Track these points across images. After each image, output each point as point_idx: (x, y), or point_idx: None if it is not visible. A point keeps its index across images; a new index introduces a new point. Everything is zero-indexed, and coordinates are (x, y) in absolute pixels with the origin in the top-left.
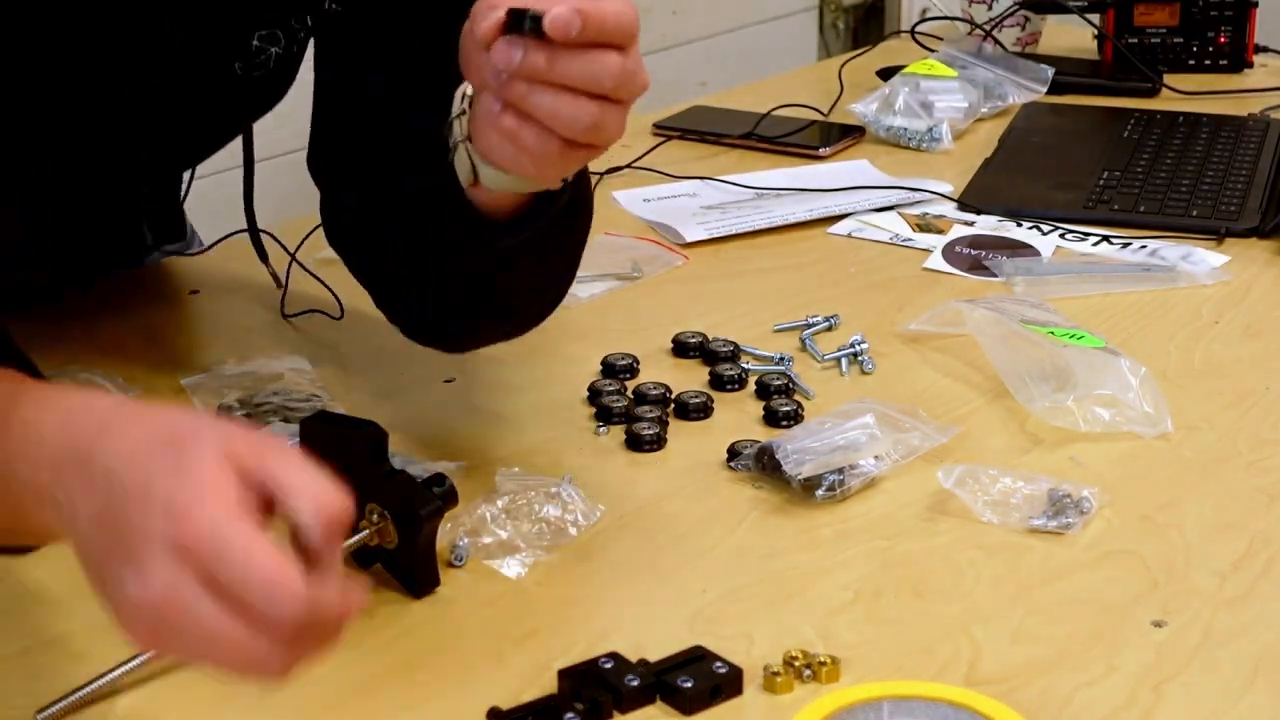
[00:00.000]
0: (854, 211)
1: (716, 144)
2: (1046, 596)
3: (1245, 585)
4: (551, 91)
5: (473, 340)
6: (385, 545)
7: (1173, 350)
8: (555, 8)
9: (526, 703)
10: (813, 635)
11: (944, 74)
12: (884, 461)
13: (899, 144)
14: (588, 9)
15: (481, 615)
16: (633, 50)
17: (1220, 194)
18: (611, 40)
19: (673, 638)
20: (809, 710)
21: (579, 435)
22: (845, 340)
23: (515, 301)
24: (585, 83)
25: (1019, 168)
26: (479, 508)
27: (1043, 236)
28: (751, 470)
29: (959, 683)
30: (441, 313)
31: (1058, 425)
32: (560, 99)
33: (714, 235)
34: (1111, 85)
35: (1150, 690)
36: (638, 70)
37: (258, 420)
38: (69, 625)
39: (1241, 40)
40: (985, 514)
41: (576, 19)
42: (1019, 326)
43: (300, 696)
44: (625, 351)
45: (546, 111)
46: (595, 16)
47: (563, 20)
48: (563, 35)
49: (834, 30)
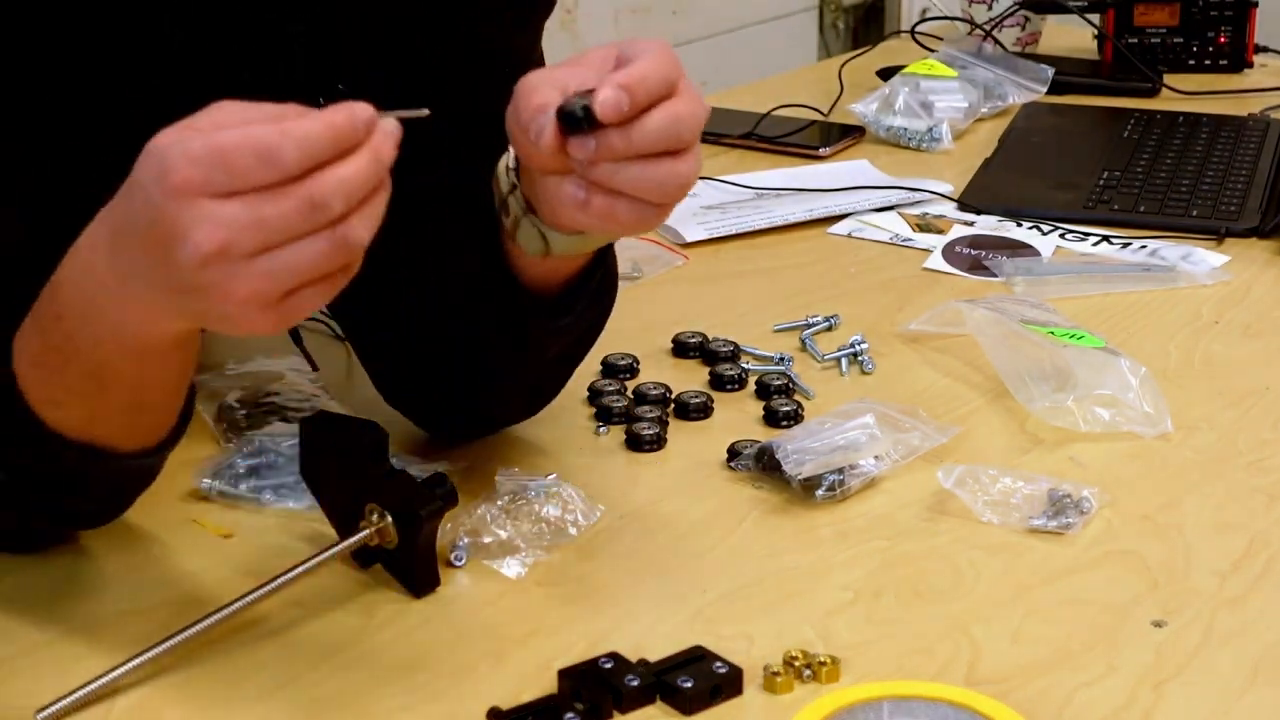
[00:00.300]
0: (854, 211)
1: (716, 144)
2: (1046, 596)
3: (1245, 585)
4: (636, 165)
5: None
6: (385, 545)
7: (1173, 350)
8: (601, 92)
9: (526, 703)
10: (813, 635)
11: (944, 74)
12: (884, 461)
13: (899, 144)
14: (629, 79)
15: (481, 615)
16: (683, 86)
17: (1220, 194)
18: (660, 95)
19: (673, 638)
20: (809, 710)
21: (579, 435)
22: (845, 340)
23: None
24: (665, 144)
25: (1019, 168)
26: (479, 508)
27: (1043, 236)
28: (751, 470)
29: (959, 683)
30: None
31: (1058, 425)
32: (645, 169)
33: (714, 235)
34: (1111, 85)
35: (1150, 690)
36: (696, 104)
37: (258, 420)
38: (69, 625)
39: (1241, 40)
40: (985, 514)
41: (624, 96)
42: (1019, 326)
43: (301, 696)
44: (625, 351)
45: (637, 187)
46: (638, 82)
47: (612, 104)
48: (616, 117)
49: (834, 30)
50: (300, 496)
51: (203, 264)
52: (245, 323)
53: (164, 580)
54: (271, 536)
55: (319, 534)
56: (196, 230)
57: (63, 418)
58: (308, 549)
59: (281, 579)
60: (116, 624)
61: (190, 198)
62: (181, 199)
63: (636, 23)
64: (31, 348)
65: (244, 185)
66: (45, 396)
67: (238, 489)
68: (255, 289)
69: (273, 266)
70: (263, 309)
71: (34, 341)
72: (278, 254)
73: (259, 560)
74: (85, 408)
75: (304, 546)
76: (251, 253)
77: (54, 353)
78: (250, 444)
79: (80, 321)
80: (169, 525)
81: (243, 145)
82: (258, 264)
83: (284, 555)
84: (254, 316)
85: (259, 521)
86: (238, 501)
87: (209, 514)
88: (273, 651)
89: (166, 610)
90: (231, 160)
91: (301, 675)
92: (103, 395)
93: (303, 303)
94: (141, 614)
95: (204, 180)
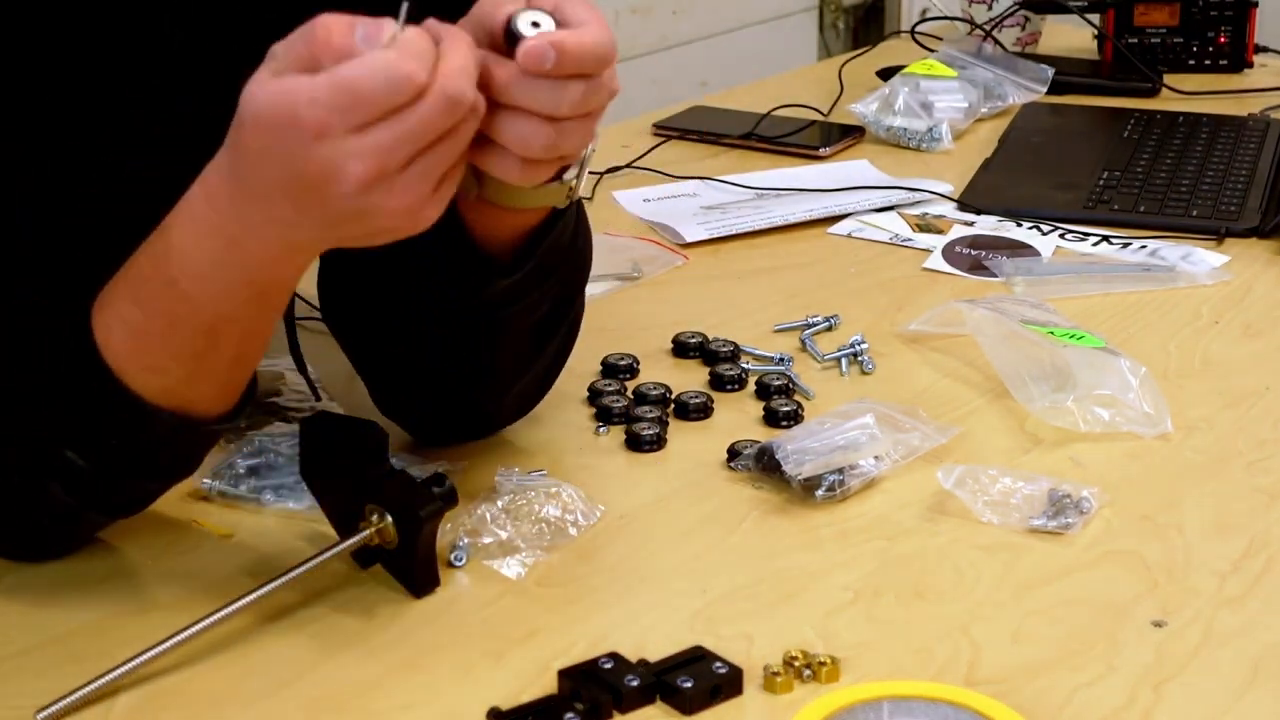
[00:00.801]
0: (854, 211)
1: (716, 144)
2: (1046, 596)
3: (1245, 585)
4: (509, 115)
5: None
6: (385, 545)
7: (1173, 350)
8: (530, 40)
9: (526, 703)
10: (813, 635)
11: (944, 74)
12: (884, 462)
13: (899, 144)
14: (567, 42)
15: (481, 615)
16: (609, 73)
17: (1220, 194)
18: (585, 72)
19: (673, 638)
20: (809, 710)
21: (579, 435)
22: (845, 340)
23: (508, 365)
24: (542, 109)
25: (1019, 168)
26: (479, 508)
27: (1043, 236)
28: (751, 470)
29: (959, 683)
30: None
31: (1058, 425)
32: (516, 122)
33: (714, 235)
34: (1111, 85)
35: (1150, 690)
36: (600, 88)
37: (258, 421)
38: (69, 625)
39: (1241, 40)
40: (985, 514)
41: (550, 52)
42: (1019, 326)
43: (301, 696)
44: (625, 351)
45: (504, 135)
46: (574, 51)
47: (537, 53)
48: (536, 67)
49: (834, 30)
50: (300, 496)
51: (363, 191)
52: (409, 227)
53: (164, 580)
54: (271, 536)
55: (319, 534)
56: (349, 165)
57: (159, 384)
58: (308, 549)
59: (281, 579)
60: (116, 624)
61: (331, 139)
62: (323, 142)
63: (636, 23)
64: (127, 319)
65: (382, 112)
66: (143, 365)
67: (238, 489)
68: (414, 194)
69: (426, 167)
70: (423, 207)
71: (130, 313)
72: (428, 155)
73: (259, 560)
74: (187, 369)
75: (304, 546)
76: (405, 164)
77: (162, 318)
78: (250, 444)
79: (200, 282)
80: (169, 525)
81: (368, 78)
82: (412, 171)
83: (284, 555)
84: (416, 218)
85: (259, 521)
86: (238, 501)
87: (209, 514)
88: (273, 651)
89: (166, 610)
90: (362, 94)
91: (301, 675)
92: (213, 352)
93: (451, 183)
94: (141, 614)
95: (341, 120)
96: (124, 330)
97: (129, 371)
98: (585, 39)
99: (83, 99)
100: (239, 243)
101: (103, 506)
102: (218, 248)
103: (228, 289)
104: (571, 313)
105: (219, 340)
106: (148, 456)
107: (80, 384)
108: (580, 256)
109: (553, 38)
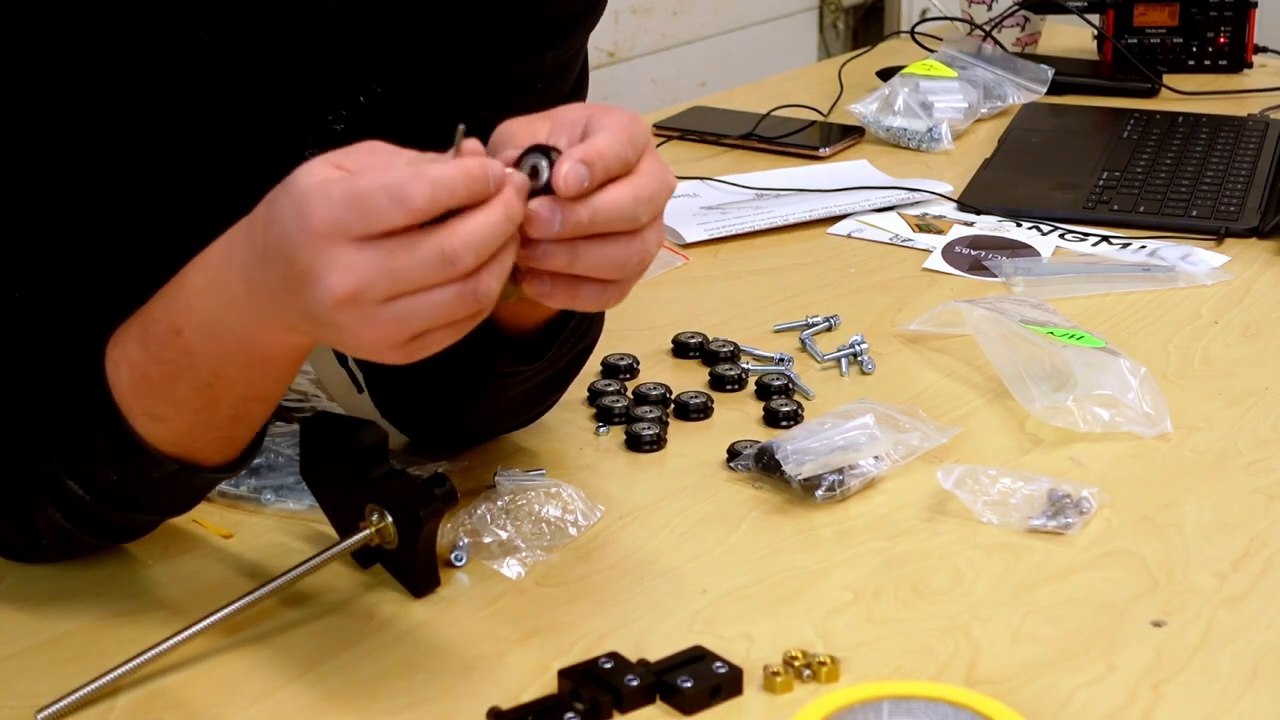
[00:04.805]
0: (854, 211)
1: (716, 144)
2: (1046, 596)
3: (1245, 585)
4: (595, 245)
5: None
6: (385, 545)
7: (1173, 350)
8: (561, 165)
9: (526, 703)
10: (813, 635)
11: (944, 74)
12: (884, 462)
13: (899, 144)
14: (589, 154)
15: (481, 615)
16: (646, 161)
17: (1220, 194)
18: (619, 173)
19: (673, 638)
20: (809, 710)
21: (579, 435)
22: (845, 340)
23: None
24: (622, 224)
25: (1019, 168)
26: (479, 508)
27: (1042, 237)
28: (751, 470)
29: (959, 683)
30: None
31: (1058, 425)
32: (604, 249)
33: (714, 235)
34: (1111, 85)
35: (1150, 690)
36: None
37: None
38: (69, 625)
39: (1241, 40)
40: (985, 514)
41: (583, 170)
42: (1019, 326)
43: (301, 696)
44: (625, 352)
45: (595, 268)
46: (597, 158)
47: (574, 178)
48: (576, 191)
49: (834, 30)
50: (300, 496)
51: (335, 307)
52: (375, 357)
53: (164, 580)
54: (271, 536)
55: (319, 534)
56: (331, 274)
57: (161, 432)
58: (308, 549)
59: (281, 579)
60: (116, 624)
61: (327, 240)
62: (318, 241)
63: (636, 23)
64: (134, 362)
65: (377, 228)
66: (145, 410)
67: (238, 489)
68: (385, 332)
69: (402, 313)
70: (391, 349)
71: (137, 356)
72: (408, 301)
73: (259, 560)
74: (187, 421)
75: (304, 546)
76: (383, 299)
77: (165, 365)
78: None
79: (203, 335)
80: (169, 525)
81: (377, 189)
82: (388, 309)
83: (284, 555)
84: (383, 354)
85: (259, 521)
86: (238, 501)
87: (209, 514)
88: (273, 651)
89: (166, 610)
90: (366, 203)
91: (301, 675)
92: (212, 408)
93: (430, 343)
94: (141, 614)
95: (340, 223)
96: (130, 372)
97: (133, 413)
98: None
99: (106, 98)
100: (240, 303)
101: (98, 533)
102: (221, 303)
103: (225, 349)
104: (583, 363)
105: (218, 398)
106: (146, 495)
107: (86, 418)
108: (599, 321)
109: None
